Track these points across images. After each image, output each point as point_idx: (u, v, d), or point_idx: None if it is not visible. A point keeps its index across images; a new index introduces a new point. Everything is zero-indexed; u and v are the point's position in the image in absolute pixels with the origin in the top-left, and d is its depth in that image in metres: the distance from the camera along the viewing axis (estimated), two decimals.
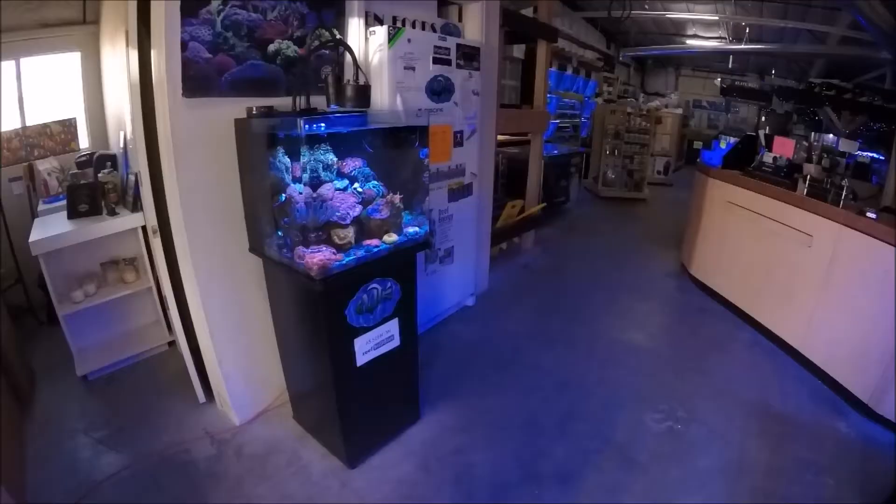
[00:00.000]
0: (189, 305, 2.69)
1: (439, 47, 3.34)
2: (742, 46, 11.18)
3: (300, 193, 1.98)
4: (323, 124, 2.09)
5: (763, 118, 13.92)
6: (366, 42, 3.00)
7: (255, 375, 2.89)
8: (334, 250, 2.12)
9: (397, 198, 2.35)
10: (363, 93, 2.44)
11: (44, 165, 4.61)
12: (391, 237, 2.33)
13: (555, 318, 4.34)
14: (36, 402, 3.10)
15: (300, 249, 2.05)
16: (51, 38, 4.71)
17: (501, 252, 5.52)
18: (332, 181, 2.14)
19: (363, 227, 2.31)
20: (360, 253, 2.20)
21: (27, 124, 4.68)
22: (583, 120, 10.01)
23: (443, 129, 3.48)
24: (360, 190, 2.24)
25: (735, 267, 4.42)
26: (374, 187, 2.29)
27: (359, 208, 2.21)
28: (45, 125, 4.87)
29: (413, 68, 3.17)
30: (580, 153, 8.59)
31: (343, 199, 2.13)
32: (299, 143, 1.92)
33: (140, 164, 2.63)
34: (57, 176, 4.51)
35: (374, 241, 2.28)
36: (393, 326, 2.52)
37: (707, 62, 16.01)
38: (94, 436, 2.75)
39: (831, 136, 5.26)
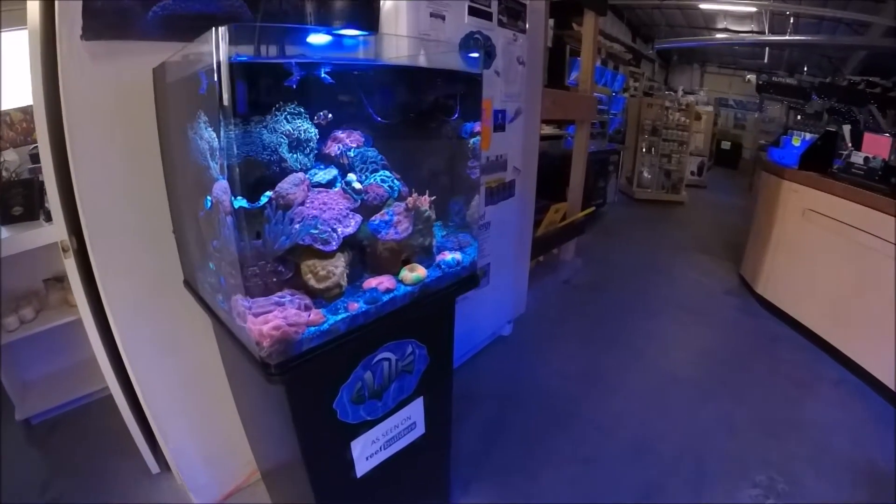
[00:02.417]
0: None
1: None
2: (785, 38, 10.06)
3: (226, 196, 0.93)
4: (290, 65, 1.05)
5: (798, 117, 12.81)
6: None
7: (218, 448, 2.09)
8: (308, 300, 1.07)
9: (426, 200, 1.27)
10: (365, 2, 1.34)
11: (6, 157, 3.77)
12: (415, 272, 1.26)
13: (608, 351, 3.53)
14: None
15: (239, 301, 1.02)
16: (13, 12, 3.85)
17: (538, 264, 4.55)
18: (305, 170, 1.10)
19: (364, 255, 1.26)
20: (359, 305, 1.15)
21: None
22: (611, 116, 9.00)
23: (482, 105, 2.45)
24: (357, 187, 1.19)
25: (816, 288, 3.68)
26: (384, 182, 1.24)
27: (356, 220, 1.16)
28: (5, 113, 4.00)
29: (442, 17, 2.16)
30: (617, 151, 7.57)
31: (325, 202, 1.09)
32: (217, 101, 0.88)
33: (41, 149, 1.71)
34: (15, 171, 3.66)
35: (385, 280, 1.21)
36: (415, 410, 1.50)
37: (734, 58, 14.95)
38: None
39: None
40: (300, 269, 1.09)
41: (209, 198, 1.01)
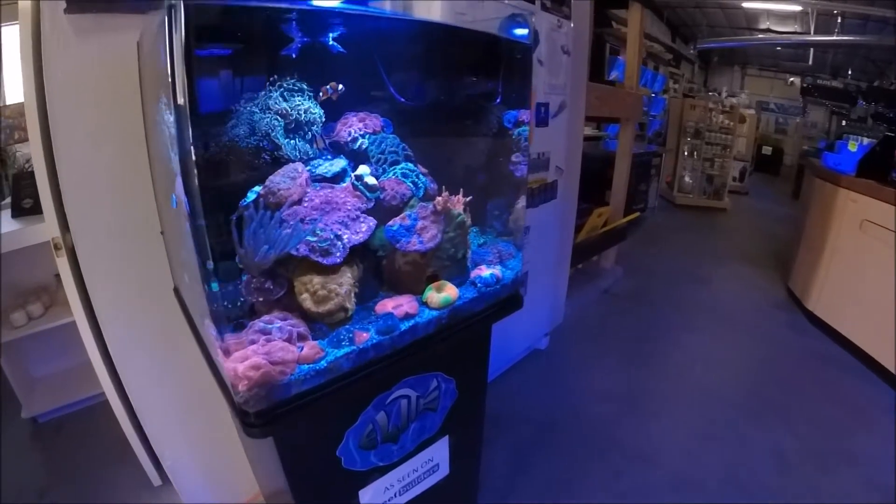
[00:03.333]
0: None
1: None
2: (832, 38, 9.56)
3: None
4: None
5: (843, 122, 12.19)
6: None
7: (220, 465, 1.91)
8: (303, 327, 0.82)
9: (459, 201, 0.99)
10: None
11: (23, 150, 3.70)
12: (444, 292, 0.99)
13: (650, 369, 3.27)
14: None
15: (209, 331, 0.77)
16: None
17: (577, 272, 4.26)
18: (305, 160, 0.85)
19: (379, 269, 1.00)
20: (370, 336, 0.88)
21: (7, 102, 3.77)
22: (650, 117, 8.64)
23: None
24: (371, 182, 0.92)
25: (873, 306, 3.33)
26: (406, 177, 0.97)
27: (368, 225, 0.90)
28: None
29: None
30: (659, 154, 7.22)
31: (329, 201, 0.84)
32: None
33: (31, 138, 1.53)
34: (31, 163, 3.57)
35: (405, 303, 0.94)
36: (438, 451, 1.24)
37: (776, 60, 14.34)
38: None
39: None
40: (293, 285, 0.83)
41: (174, 196, 0.77)
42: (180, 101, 0.64)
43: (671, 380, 3.13)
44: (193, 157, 0.63)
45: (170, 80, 0.64)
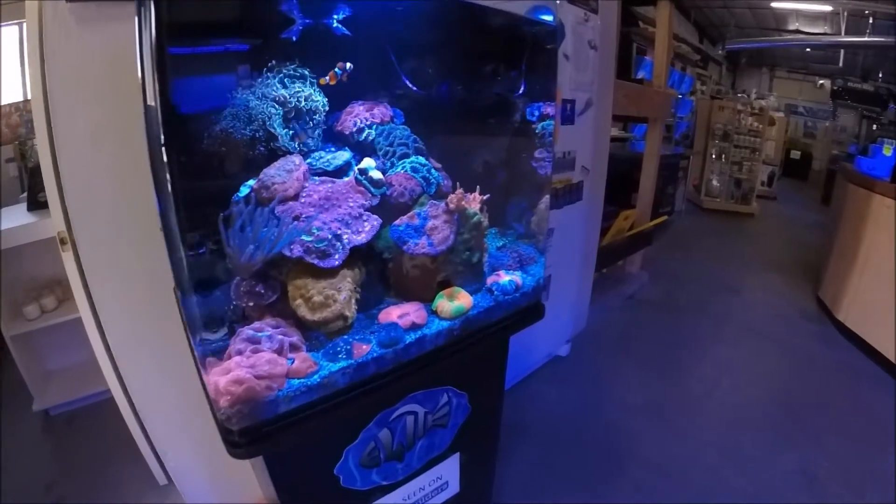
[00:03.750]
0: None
1: None
2: (864, 39, 9.29)
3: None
4: None
5: (875, 126, 11.84)
6: None
7: (224, 467, 1.86)
8: (296, 336, 0.73)
9: (476, 200, 0.89)
10: None
11: None
12: (457, 300, 0.89)
13: (675, 380, 3.19)
14: None
15: (196, 345, 0.69)
16: None
17: (601, 276, 4.17)
18: (303, 151, 0.77)
19: (384, 273, 0.91)
20: (371, 348, 0.79)
21: (29, 97, 3.83)
22: (677, 119, 8.48)
23: None
24: (377, 176, 0.83)
25: None
26: (416, 171, 0.88)
27: (372, 224, 0.81)
28: None
29: None
30: (686, 156, 7.07)
31: (328, 197, 0.75)
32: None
33: (37, 130, 1.53)
34: None
35: (412, 312, 0.85)
36: (448, 468, 1.15)
37: (805, 63, 14.03)
38: None
39: None
40: (286, 289, 0.75)
41: None
42: (150, 101, 0.58)
43: (696, 391, 3.04)
44: (165, 155, 0.56)
45: (140, 78, 0.57)
